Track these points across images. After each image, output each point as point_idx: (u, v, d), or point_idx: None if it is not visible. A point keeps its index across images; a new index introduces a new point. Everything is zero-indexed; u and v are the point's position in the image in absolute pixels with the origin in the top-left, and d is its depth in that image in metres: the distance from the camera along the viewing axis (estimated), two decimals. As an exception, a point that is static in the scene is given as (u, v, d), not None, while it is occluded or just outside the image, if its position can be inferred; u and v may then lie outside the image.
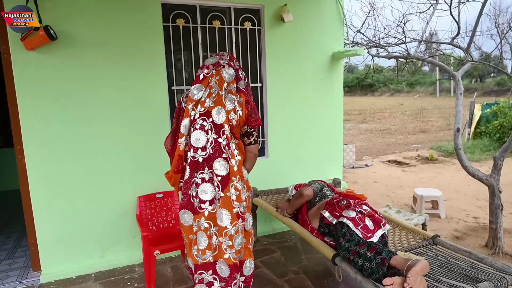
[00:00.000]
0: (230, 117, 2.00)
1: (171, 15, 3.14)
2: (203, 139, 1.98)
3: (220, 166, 1.97)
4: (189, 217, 1.99)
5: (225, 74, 2.04)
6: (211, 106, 2.00)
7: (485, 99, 15.98)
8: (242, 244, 2.03)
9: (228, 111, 2.00)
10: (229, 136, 2.01)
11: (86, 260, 3.02)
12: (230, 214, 1.96)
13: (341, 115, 4.01)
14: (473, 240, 3.86)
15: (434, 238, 2.42)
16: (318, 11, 3.70)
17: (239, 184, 2.01)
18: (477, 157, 7.85)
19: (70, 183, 2.90)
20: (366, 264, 1.89)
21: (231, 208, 1.96)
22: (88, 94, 2.88)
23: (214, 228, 1.97)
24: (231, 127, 2.02)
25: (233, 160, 2.01)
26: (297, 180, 3.72)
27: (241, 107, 2.03)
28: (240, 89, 2.07)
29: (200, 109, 2.01)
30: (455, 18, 3.94)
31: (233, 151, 2.03)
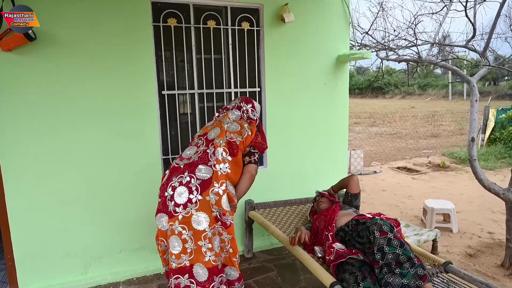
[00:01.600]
0: (232, 136, 2.18)
1: (162, 14, 2.93)
2: (192, 152, 2.18)
3: (204, 170, 2.05)
4: (165, 220, 2.03)
5: (231, 115, 2.35)
6: (210, 129, 2.28)
7: (499, 102, 15.54)
8: (219, 248, 2.08)
9: (231, 131, 2.21)
10: (218, 145, 2.13)
11: (67, 276, 2.82)
12: (208, 217, 2.00)
13: (346, 121, 3.76)
14: (488, 259, 3.57)
15: (446, 265, 2.15)
16: (322, 11, 3.45)
17: (221, 191, 2.03)
18: (491, 165, 7.50)
19: (50, 196, 2.71)
20: None
21: (210, 212, 2.01)
22: (71, 99, 2.69)
23: (189, 232, 2.00)
24: (228, 144, 2.16)
25: (221, 164, 2.08)
26: (297, 192, 3.50)
27: (251, 127, 2.29)
28: (251, 118, 2.37)
29: (201, 132, 2.34)
30: (470, 20, 3.66)
31: (223, 158, 2.10)
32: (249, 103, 2.40)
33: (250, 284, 2.86)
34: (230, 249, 2.11)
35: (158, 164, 3.03)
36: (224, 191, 2.03)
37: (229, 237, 2.09)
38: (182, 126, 3.17)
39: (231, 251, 2.11)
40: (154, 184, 2.97)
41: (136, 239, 3.00)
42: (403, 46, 4.41)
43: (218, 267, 2.07)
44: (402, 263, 1.83)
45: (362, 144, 10.53)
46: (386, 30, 4.65)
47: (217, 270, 2.07)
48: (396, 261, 1.84)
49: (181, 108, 3.17)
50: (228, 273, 2.15)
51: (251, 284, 2.86)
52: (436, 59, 4.42)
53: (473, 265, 3.41)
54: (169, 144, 3.12)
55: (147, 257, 3.05)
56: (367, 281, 1.84)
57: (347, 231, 2.17)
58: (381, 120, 15.06)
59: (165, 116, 3.06)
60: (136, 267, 3.01)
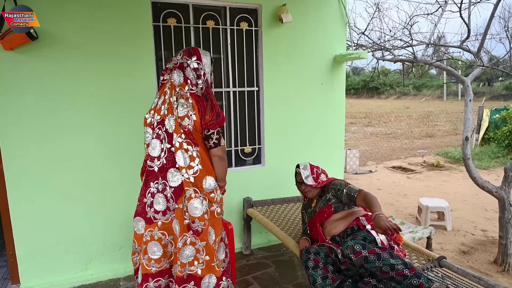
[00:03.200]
0: (184, 123, 1.91)
1: (161, 14, 2.97)
2: (158, 149, 1.98)
3: (172, 177, 1.94)
4: (142, 225, 2.00)
5: (175, 77, 1.99)
6: (165, 114, 1.98)
7: (493, 103, 15.69)
8: (192, 257, 1.96)
9: (181, 117, 1.92)
10: (181, 145, 1.92)
11: (67, 273, 2.85)
12: (179, 227, 1.94)
13: (342, 121, 3.81)
14: (481, 255, 3.64)
15: (440, 260, 2.21)
16: (319, 12, 3.50)
17: (198, 195, 1.94)
18: (485, 165, 7.60)
19: (51, 194, 2.74)
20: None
21: (182, 220, 1.94)
22: (71, 97, 2.71)
23: (169, 237, 1.99)
24: (188, 134, 1.92)
25: (190, 170, 1.93)
26: (294, 190, 3.53)
27: (194, 110, 1.92)
28: (191, 92, 1.95)
29: (157, 117, 2.01)
30: (465, 21, 3.73)
31: (187, 163, 1.92)
32: (193, 55, 1.99)
33: (249, 280, 2.90)
34: (206, 256, 1.98)
35: (158, 162, 3.06)
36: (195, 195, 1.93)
37: (202, 244, 1.96)
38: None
39: (207, 258, 1.98)
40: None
41: (135, 236, 3.03)
42: (399, 47, 4.48)
43: (184, 277, 1.95)
44: (389, 274, 1.84)
45: (358, 144, 10.61)
46: (382, 30, 4.72)
47: (182, 280, 1.95)
48: (382, 271, 1.86)
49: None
50: (206, 281, 2.00)
51: (249, 280, 2.90)
52: (431, 59, 4.49)
53: (466, 262, 3.48)
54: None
55: (147, 254, 3.08)
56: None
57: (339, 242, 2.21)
58: (376, 120, 15.17)
59: (165, 115, 3.09)
60: (136, 264, 3.04)
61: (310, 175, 2.42)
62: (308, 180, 2.40)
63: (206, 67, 2.02)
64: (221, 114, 1.97)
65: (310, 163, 2.51)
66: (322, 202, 2.37)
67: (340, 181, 2.38)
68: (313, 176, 2.43)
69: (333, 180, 2.43)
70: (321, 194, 2.43)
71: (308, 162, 2.53)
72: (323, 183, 2.43)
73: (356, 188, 2.26)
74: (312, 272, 2.08)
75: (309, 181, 2.40)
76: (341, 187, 2.30)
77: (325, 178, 2.47)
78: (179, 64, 1.99)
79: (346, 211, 2.31)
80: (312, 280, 2.07)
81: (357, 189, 2.24)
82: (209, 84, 2.02)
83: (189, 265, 1.96)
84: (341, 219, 2.29)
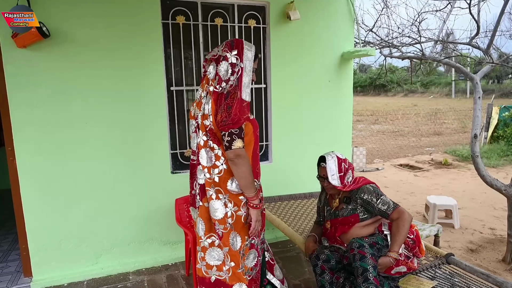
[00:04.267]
0: (206, 122, 1.79)
1: (170, 12, 2.99)
2: (194, 143, 1.93)
3: (199, 174, 1.88)
4: (196, 213, 1.98)
5: (211, 70, 1.82)
6: (198, 108, 1.90)
7: (503, 101, 15.49)
8: (220, 261, 1.87)
9: (205, 115, 1.79)
10: (206, 143, 1.81)
11: (78, 266, 2.90)
12: (205, 225, 1.88)
13: (350, 118, 3.81)
14: (489, 254, 3.63)
15: (448, 257, 2.21)
16: (327, 9, 3.50)
17: (221, 197, 1.82)
18: (494, 163, 7.53)
19: (63, 188, 2.79)
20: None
21: (208, 219, 1.87)
22: (83, 94, 2.76)
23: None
24: (211, 133, 1.79)
25: (215, 169, 1.80)
26: (301, 187, 3.56)
27: (212, 110, 1.76)
28: (214, 90, 1.77)
29: (197, 111, 1.90)
30: (474, 17, 3.70)
31: (214, 160, 1.81)
32: (234, 49, 1.77)
33: (256, 276, 2.92)
34: (232, 263, 1.86)
35: (167, 158, 3.10)
36: (217, 195, 1.83)
37: (225, 250, 1.85)
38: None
39: (233, 265, 1.86)
40: (162, 179, 3.07)
41: (145, 232, 3.08)
42: (407, 44, 4.45)
43: (211, 280, 1.89)
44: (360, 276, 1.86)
45: (365, 142, 10.57)
46: (390, 27, 4.68)
47: (206, 284, 1.90)
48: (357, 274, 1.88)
49: (189, 105, 3.23)
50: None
51: (257, 276, 2.92)
52: (439, 56, 4.46)
53: (474, 260, 3.47)
54: (177, 139, 3.19)
55: (156, 249, 3.13)
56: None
57: None
58: (383, 118, 15.08)
59: (173, 112, 3.13)
60: (145, 258, 3.09)
61: (336, 173, 2.10)
62: (334, 180, 2.09)
63: (247, 63, 1.80)
64: (236, 116, 1.70)
65: (337, 155, 2.15)
66: (347, 211, 2.13)
67: (371, 189, 2.08)
68: (340, 175, 2.11)
69: (362, 185, 2.11)
70: (347, 200, 2.15)
71: (335, 154, 2.16)
72: (350, 186, 2.12)
73: (391, 202, 2.03)
74: (320, 278, 2.09)
75: (334, 181, 2.09)
76: (372, 199, 2.04)
77: (351, 178, 2.15)
78: (217, 56, 1.81)
79: (372, 219, 2.12)
80: (320, 284, 2.10)
81: (392, 205, 2.02)
82: (241, 82, 1.78)
83: (218, 270, 1.88)
84: (364, 226, 2.12)
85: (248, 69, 1.80)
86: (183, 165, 3.22)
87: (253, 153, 1.86)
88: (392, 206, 2.02)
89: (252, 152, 1.85)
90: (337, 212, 2.19)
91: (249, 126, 1.80)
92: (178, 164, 3.22)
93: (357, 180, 2.17)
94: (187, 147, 3.23)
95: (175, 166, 3.20)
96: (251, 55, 1.81)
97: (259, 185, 1.96)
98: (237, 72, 1.76)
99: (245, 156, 1.74)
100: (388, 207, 2.02)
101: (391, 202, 2.04)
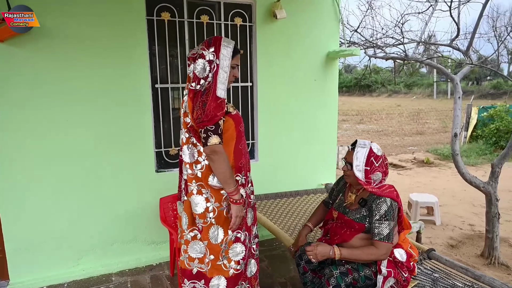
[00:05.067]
0: (187, 120, 1.82)
1: (155, 8, 2.96)
2: (180, 140, 1.96)
3: (184, 170, 1.92)
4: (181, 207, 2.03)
5: (190, 69, 1.84)
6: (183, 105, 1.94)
7: (482, 102, 15.93)
8: (202, 254, 1.91)
9: (184, 113, 1.84)
10: (188, 140, 1.85)
11: (58, 268, 2.83)
12: (188, 219, 1.93)
13: (335, 117, 3.85)
14: (469, 249, 3.73)
15: (429, 252, 2.26)
16: (313, 9, 3.52)
17: (204, 191, 1.86)
18: (473, 161, 7.75)
19: (42, 187, 2.72)
20: None
21: (190, 213, 1.91)
22: (65, 92, 2.69)
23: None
24: (191, 130, 1.82)
25: (198, 165, 1.84)
26: (287, 185, 3.57)
27: (189, 108, 1.79)
28: (190, 88, 1.80)
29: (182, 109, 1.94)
30: (454, 19, 3.80)
31: (197, 156, 1.84)
32: (211, 46, 1.78)
33: (242, 274, 2.92)
34: (211, 256, 1.88)
35: (151, 157, 3.06)
36: (199, 190, 1.86)
37: (205, 244, 1.89)
38: (175, 120, 3.20)
39: (212, 258, 1.88)
40: (147, 177, 3.03)
41: (129, 232, 3.03)
42: (391, 44, 4.53)
43: (193, 272, 1.93)
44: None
45: (350, 141, 10.68)
46: (374, 28, 4.76)
47: (189, 275, 1.94)
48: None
49: (174, 103, 3.20)
50: (214, 283, 1.90)
51: (242, 274, 2.92)
52: (421, 57, 4.55)
53: (454, 255, 3.56)
54: (162, 138, 3.15)
55: (140, 249, 3.08)
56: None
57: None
58: (368, 118, 15.28)
59: (158, 110, 3.09)
60: (129, 259, 3.04)
61: (362, 165, 1.89)
62: (358, 172, 1.89)
63: (224, 59, 1.79)
64: (210, 113, 1.70)
65: (372, 148, 1.92)
66: (357, 215, 1.95)
67: (390, 206, 1.85)
68: (366, 169, 1.89)
69: (387, 196, 1.86)
70: (362, 202, 1.95)
71: (370, 145, 1.94)
72: (373, 188, 1.89)
73: (387, 233, 1.82)
74: (302, 277, 2.14)
75: (357, 172, 1.89)
76: (378, 214, 1.84)
77: (379, 178, 1.92)
78: (196, 54, 1.81)
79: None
80: (303, 281, 2.15)
81: (385, 237, 1.82)
82: (216, 79, 1.77)
83: (199, 262, 1.92)
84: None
85: (224, 66, 1.80)
86: (168, 164, 3.19)
87: (235, 148, 1.87)
88: (383, 237, 1.82)
89: (234, 147, 1.86)
90: (347, 210, 2.03)
91: (230, 122, 1.82)
92: (163, 162, 3.18)
93: (384, 187, 1.92)
94: (172, 146, 3.20)
95: (160, 165, 3.16)
96: (227, 51, 1.80)
97: (248, 180, 1.98)
98: (213, 68, 1.78)
99: (221, 152, 1.75)
100: (379, 233, 1.82)
101: (388, 233, 1.82)
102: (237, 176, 1.87)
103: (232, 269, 1.90)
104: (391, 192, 1.90)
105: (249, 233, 2.01)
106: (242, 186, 1.90)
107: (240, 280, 1.95)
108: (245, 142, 1.95)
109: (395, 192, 1.91)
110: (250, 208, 2.03)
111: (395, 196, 1.89)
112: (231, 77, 1.87)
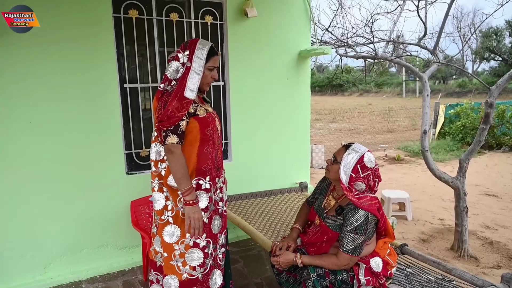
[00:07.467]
0: (156, 120, 1.83)
1: (122, 5, 2.85)
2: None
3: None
4: None
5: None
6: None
7: (448, 100, 16.55)
8: (161, 248, 1.93)
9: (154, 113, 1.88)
10: (156, 139, 1.87)
11: (24, 277, 2.69)
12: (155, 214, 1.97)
13: (308, 115, 3.87)
14: (439, 243, 3.84)
15: (402, 247, 2.30)
16: (284, 7, 3.52)
17: (164, 189, 1.89)
18: (441, 157, 8.01)
19: (2, 195, 2.57)
20: None
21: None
22: (26, 92, 2.55)
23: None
24: (158, 129, 1.81)
25: (163, 164, 1.86)
26: (262, 185, 3.54)
27: (154, 107, 1.87)
28: (158, 89, 1.84)
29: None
30: (422, 19, 3.91)
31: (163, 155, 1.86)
32: (187, 49, 1.79)
33: (217, 276, 2.87)
34: (165, 253, 1.89)
35: (121, 159, 2.95)
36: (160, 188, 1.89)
37: (159, 239, 1.92)
38: (145, 122, 3.11)
39: (166, 255, 1.88)
40: (116, 180, 2.93)
41: (99, 237, 2.92)
42: (361, 43, 4.61)
43: (157, 264, 1.97)
44: None
45: (323, 140, 10.83)
46: (345, 27, 4.83)
47: (155, 267, 1.98)
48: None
49: (144, 103, 3.11)
50: (167, 282, 1.89)
51: (218, 276, 2.87)
52: (391, 56, 4.66)
53: (426, 249, 3.65)
54: (132, 139, 3.05)
55: (111, 254, 2.97)
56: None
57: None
58: (340, 117, 15.53)
59: (128, 110, 2.99)
60: (99, 265, 2.93)
61: (349, 171, 1.85)
62: (343, 173, 1.86)
63: (196, 61, 1.78)
64: (169, 112, 1.70)
65: (363, 156, 1.88)
66: (333, 223, 1.91)
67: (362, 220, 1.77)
68: (351, 175, 1.85)
69: (363, 208, 1.78)
70: (339, 211, 1.91)
71: (364, 152, 1.89)
72: (353, 196, 1.82)
73: (353, 246, 1.78)
74: (278, 278, 2.15)
75: (343, 174, 1.86)
76: (349, 226, 1.79)
77: (362, 189, 1.86)
78: (173, 57, 1.82)
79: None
80: (279, 282, 2.16)
81: (350, 249, 1.78)
82: (186, 80, 1.76)
83: (160, 256, 1.95)
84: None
85: (197, 67, 1.79)
86: (139, 166, 3.09)
87: (199, 151, 1.84)
88: (348, 249, 1.78)
89: (198, 150, 1.84)
90: (325, 215, 1.99)
91: (194, 124, 1.81)
92: (134, 164, 3.08)
93: (365, 198, 1.84)
94: (143, 147, 3.10)
95: (131, 167, 3.06)
96: (201, 53, 1.80)
97: (216, 186, 1.96)
98: (184, 70, 1.78)
99: (176, 152, 1.75)
100: (346, 245, 1.79)
101: (354, 247, 1.78)
102: (200, 180, 1.85)
103: (186, 273, 1.87)
104: (371, 205, 1.81)
105: (214, 241, 1.97)
106: (206, 191, 1.87)
107: (196, 287, 1.90)
108: (215, 146, 1.92)
109: (376, 205, 1.85)
110: (218, 215, 2.00)
111: (375, 210, 1.82)
112: (209, 79, 1.88)
